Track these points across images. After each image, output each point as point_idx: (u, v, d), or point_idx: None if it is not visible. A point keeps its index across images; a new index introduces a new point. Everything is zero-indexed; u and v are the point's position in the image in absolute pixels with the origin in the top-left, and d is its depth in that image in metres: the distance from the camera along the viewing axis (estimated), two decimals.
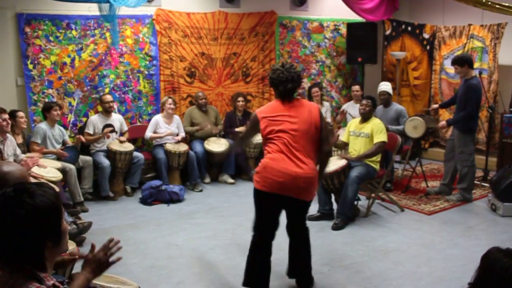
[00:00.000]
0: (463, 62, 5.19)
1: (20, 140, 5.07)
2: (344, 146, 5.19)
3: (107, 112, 5.85)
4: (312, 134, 3.14)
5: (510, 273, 1.11)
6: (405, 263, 3.85)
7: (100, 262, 1.72)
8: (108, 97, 5.85)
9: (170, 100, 6.16)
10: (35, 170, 4.24)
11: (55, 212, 1.43)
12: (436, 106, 6.14)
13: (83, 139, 5.56)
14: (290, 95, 3.21)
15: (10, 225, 1.34)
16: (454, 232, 4.54)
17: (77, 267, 2.53)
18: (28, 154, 4.88)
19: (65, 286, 1.53)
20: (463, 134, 5.27)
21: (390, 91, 6.13)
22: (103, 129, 5.78)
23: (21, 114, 5.09)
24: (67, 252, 2.09)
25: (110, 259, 1.75)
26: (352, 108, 6.56)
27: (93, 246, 1.77)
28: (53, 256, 1.47)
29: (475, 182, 5.73)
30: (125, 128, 6.07)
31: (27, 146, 5.23)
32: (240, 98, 6.63)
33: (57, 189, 3.68)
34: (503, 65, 6.77)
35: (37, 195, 1.39)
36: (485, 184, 6.02)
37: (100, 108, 5.96)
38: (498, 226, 4.68)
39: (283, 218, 3.28)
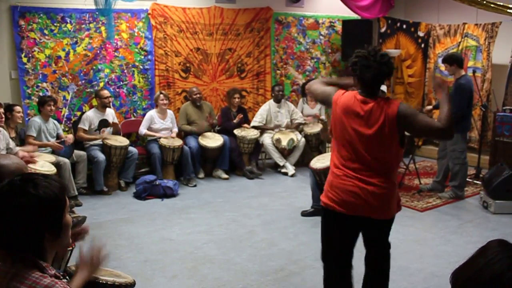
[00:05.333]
0: (452, 61, 5.23)
1: (13, 134, 5.05)
2: None
3: (103, 107, 5.81)
4: (386, 142, 2.52)
5: (495, 261, 1.12)
6: (397, 259, 3.87)
7: (92, 260, 1.79)
8: (106, 93, 5.82)
9: (161, 96, 6.15)
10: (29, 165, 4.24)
11: (57, 205, 1.44)
12: (430, 107, 6.15)
13: (71, 140, 5.47)
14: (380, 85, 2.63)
15: (10, 212, 1.38)
16: (446, 228, 4.58)
17: (71, 261, 2.55)
18: (23, 148, 4.86)
19: (67, 277, 1.55)
20: (455, 132, 5.29)
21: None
22: (99, 124, 5.75)
23: (18, 108, 5.09)
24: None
25: (100, 256, 1.83)
26: None
27: (81, 252, 1.83)
28: (53, 248, 1.49)
29: (468, 179, 5.78)
30: (115, 120, 5.99)
31: (19, 140, 5.21)
32: (236, 95, 6.64)
33: None
34: (496, 64, 6.82)
35: (41, 186, 1.40)
36: (477, 182, 6.07)
37: (94, 102, 5.93)
38: (489, 223, 4.73)
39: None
